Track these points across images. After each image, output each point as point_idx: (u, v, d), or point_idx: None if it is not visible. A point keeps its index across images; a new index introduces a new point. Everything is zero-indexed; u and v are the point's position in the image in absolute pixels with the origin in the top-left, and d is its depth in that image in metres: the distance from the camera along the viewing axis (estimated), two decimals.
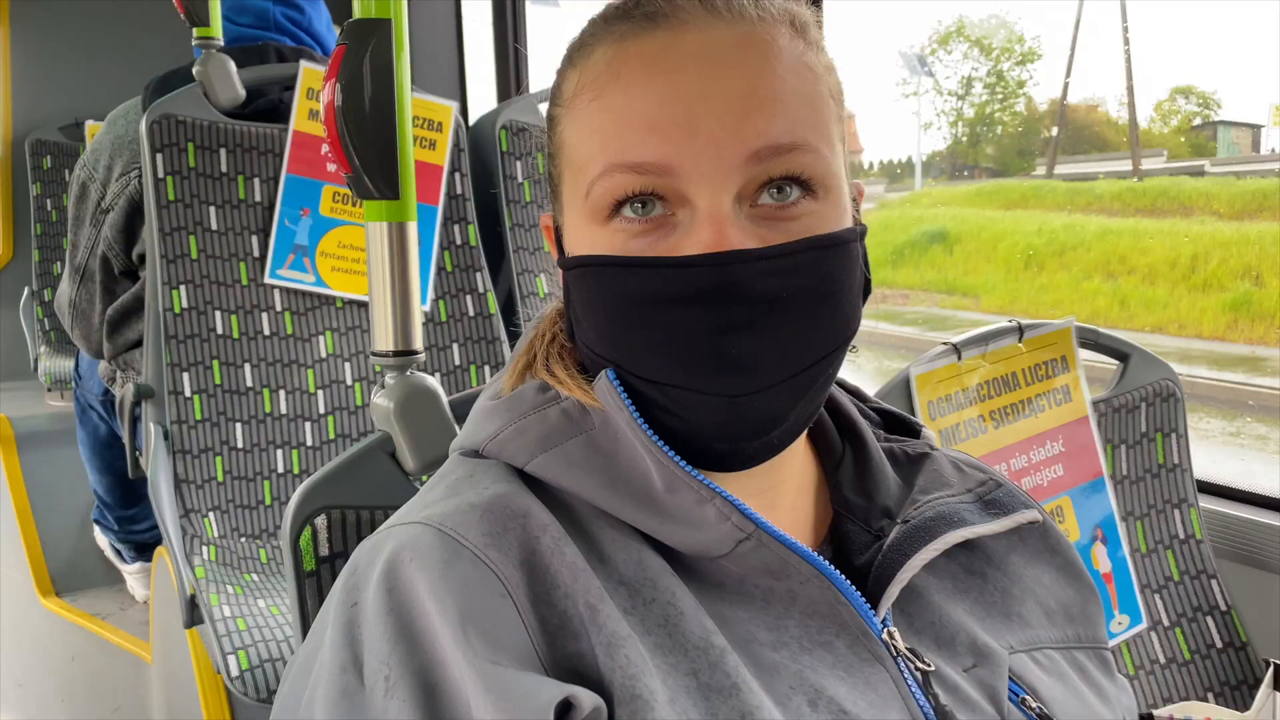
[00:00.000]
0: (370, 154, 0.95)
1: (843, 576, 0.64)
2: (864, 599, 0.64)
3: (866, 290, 0.67)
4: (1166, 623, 1.32)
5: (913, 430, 0.80)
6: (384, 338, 1.01)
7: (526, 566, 0.59)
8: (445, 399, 1.01)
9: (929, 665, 0.64)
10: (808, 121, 0.62)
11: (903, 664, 0.63)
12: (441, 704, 0.53)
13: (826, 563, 0.63)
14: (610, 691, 0.56)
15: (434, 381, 1.01)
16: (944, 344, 1.23)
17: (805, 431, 0.70)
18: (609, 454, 0.64)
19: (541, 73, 2.92)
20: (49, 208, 3.15)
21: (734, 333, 0.60)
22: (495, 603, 0.57)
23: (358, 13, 0.96)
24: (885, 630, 0.64)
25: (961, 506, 0.71)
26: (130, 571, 2.67)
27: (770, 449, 0.64)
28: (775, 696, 0.59)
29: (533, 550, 0.59)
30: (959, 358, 1.23)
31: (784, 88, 0.61)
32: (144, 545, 2.62)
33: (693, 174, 0.60)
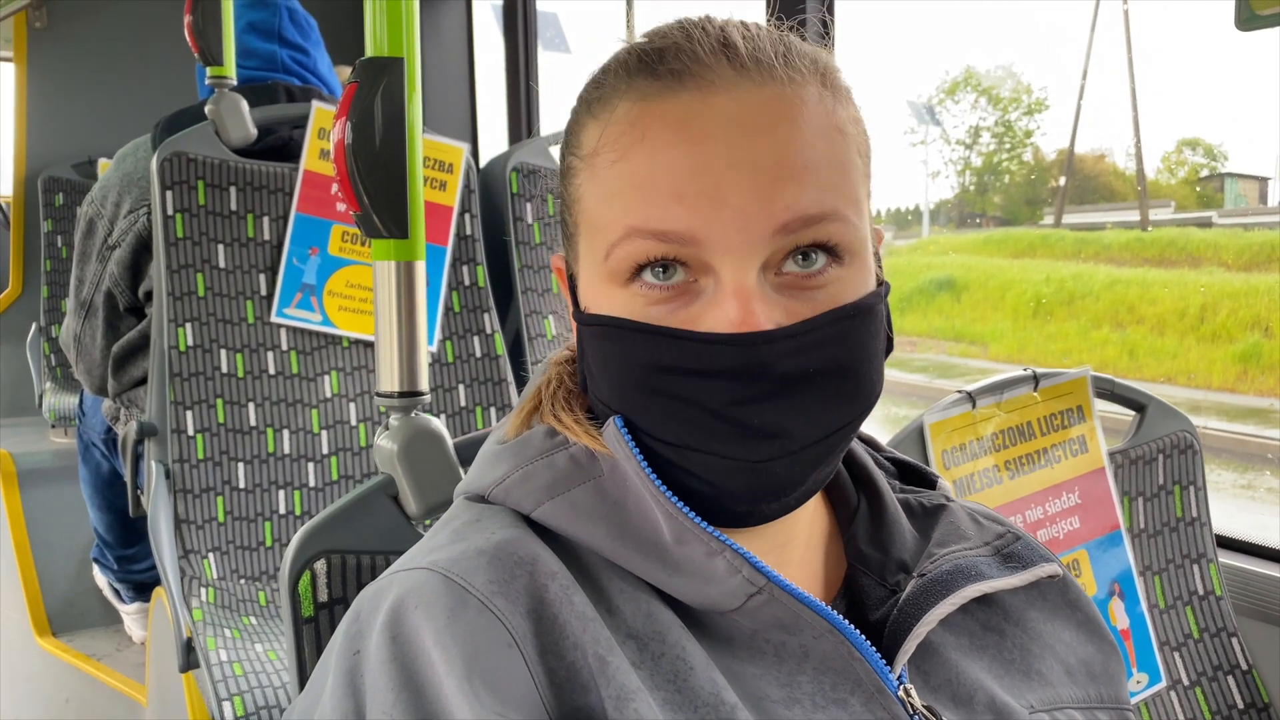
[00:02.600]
0: (380, 193, 0.94)
1: (857, 631, 0.62)
2: (879, 655, 0.62)
3: (889, 348, 0.65)
4: (1186, 682, 1.28)
5: (929, 481, 0.78)
6: (389, 378, 1.00)
7: (534, 615, 0.57)
8: (450, 442, 0.99)
9: None
10: (837, 188, 0.60)
11: None
12: None
13: (840, 617, 0.62)
14: None
15: (439, 424, 1.00)
16: (959, 392, 1.21)
17: None
18: (617, 502, 0.62)
19: (552, 116, 2.94)
20: (59, 244, 3.16)
21: (756, 404, 0.58)
22: (502, 653, 0.55)
23: (370, 51, 0.96)
24: (901, 687, 0.62)
25: (979, 560, 0.69)
26: (128, 612, 2.64)
27: (787, 508, 0.62)
28: None
29: (540, 599, 0.58)
30: (973, 406, 1.21)
31: (814, 155, 0.59)
32: (143, 585, 2.60)
33: (719, 245, 0.58)
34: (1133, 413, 1.35)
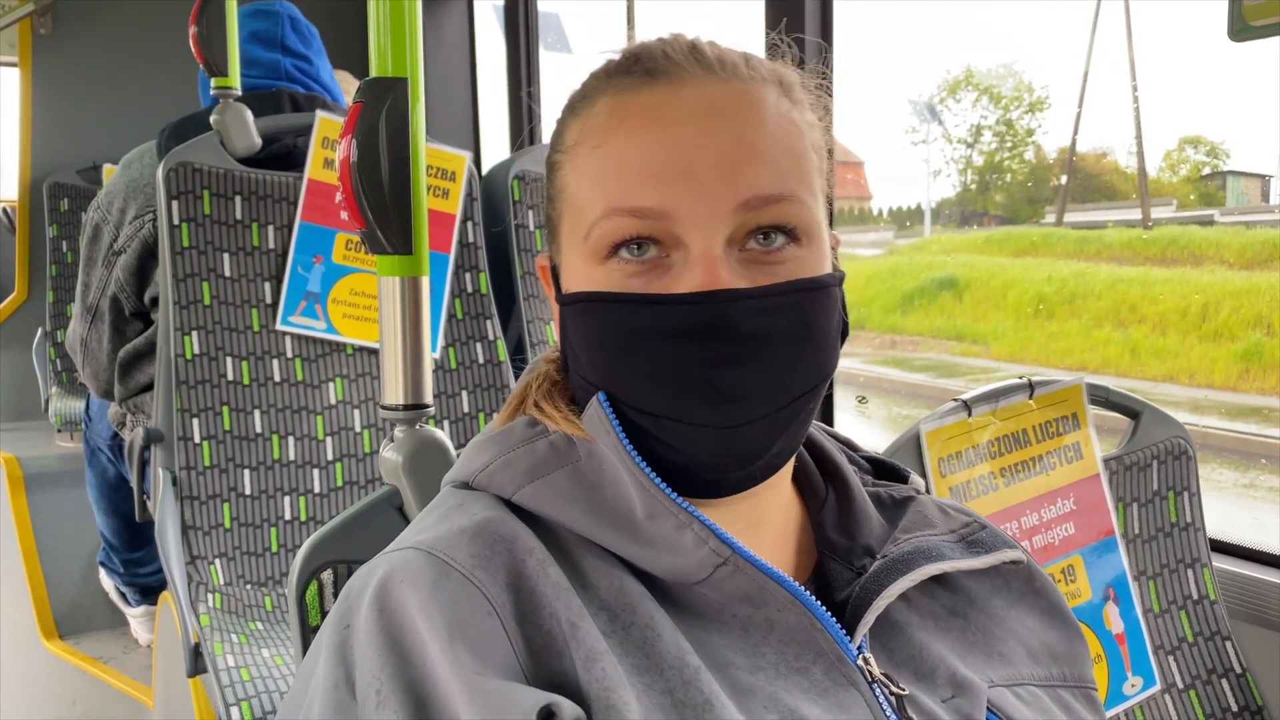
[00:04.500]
0: (384, 210, 0.96)
1: (818, 603, 0.65)
2: (840, 627, 0.66)
3: (844, 333, 0.70)
4: (1181, 685, 1.30)
5: (901, 477, 0.81)
6: (394, 391, 1.01)
7: (513, 588, 0.60)
8: (454, 453, 1.00)
9: (904, 690, 0.65)
10: (793, 174, 0.65)
11: (878, 689, 0.65)
12: (431, 716, 0.54)
13: (802, 589, 0.65)
14: (589, 703, 0.57)
15: (443, 435, 1.01)
16: (954, 400, 1.22)
17: (790, 471, 0.73)
18: (593, 485, 0.66)
19: (554, 118, 2.95)
20: (64, 250, 3.17)
21: (723, 367, 0.63)
22: (482, 620, 0.58)
23: (375, 71, 0.98)
24: (861, 656, 0.66)
25: (942, 544, 0.73)
26: (134, 615, 2.66)
27: (751, 479, 0.66)
28: (749, 716, 0.60)
29: (519, 573, 0.61)
30: (969, 414, 1.22)
31: (772, 142, 0.65)
32: (149, 589, 2.62)
33: (687, 219, 0.63)
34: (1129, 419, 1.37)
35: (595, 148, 0.66)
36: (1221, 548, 1.49)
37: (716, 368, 0.62)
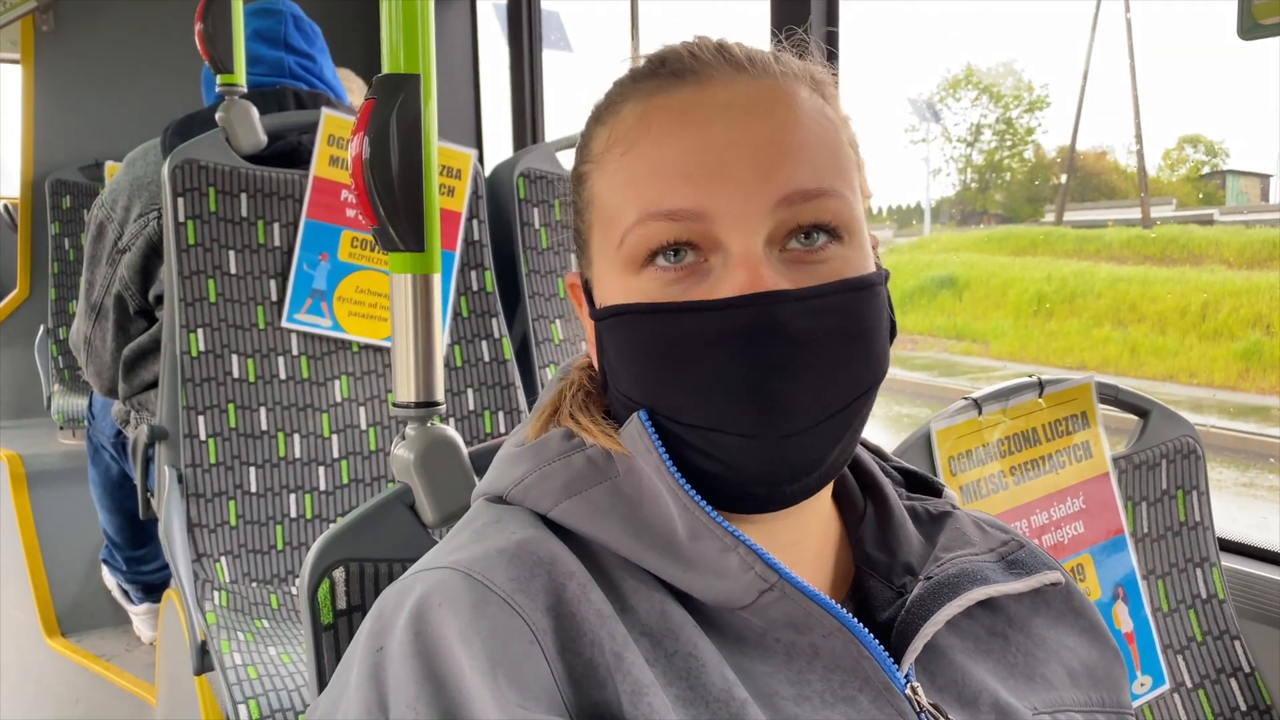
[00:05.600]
0: (397, 207, 0.96)
1: (866, 630, 0.63)
2: (887, 654, 0.64)
3: (893, 333, 0.68)
4: (1190, 684, 1.30)
5: (934, 490, 0.79)
6: (406, 389, 1.01)
7: (553, 613, 0.58)
8: (465, 451, 1.00)
9: None
10: (832, 168, 0.63)
11: (926, 719, 0.63)
12: None
13: (850, 616, 0.63)
14: None
15: (455, 433, 1.01)
16: (964, 399, 1.22)
17: (831, 484, 0.70)
18: (633, 501, 0.64)
19: (556, 119, 2.95)
20: (66, 247, 3.17)
21: (773, 373, 0.60)
22: (523, 648, 0.56)
23: (387, 67, 0.97)
24: (909, 685, 0.64)
25: (984, 565, 0.71)
26: (137, 612, 2.66)
27: (807, 491, 0.64)
28: None
29: (559, 597, 0.59)
30: (979, 413, 1.22)
31: (808, 136, 0.63)
32: (152, 586, 2.61)
33: (724, 218, 0.61)
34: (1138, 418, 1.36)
35: (624, 154, 0.64)
36: (1230, 547, 1.49)
37: (766, 374, 0.60)
